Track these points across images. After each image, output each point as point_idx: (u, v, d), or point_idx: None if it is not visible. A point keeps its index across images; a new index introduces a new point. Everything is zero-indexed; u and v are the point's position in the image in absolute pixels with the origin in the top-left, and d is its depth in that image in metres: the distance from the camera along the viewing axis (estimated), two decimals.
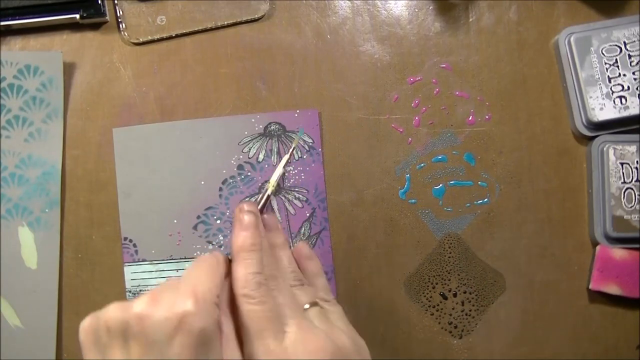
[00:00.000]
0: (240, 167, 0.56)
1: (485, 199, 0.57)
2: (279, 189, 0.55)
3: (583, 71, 0.55)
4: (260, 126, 0.57)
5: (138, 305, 0.35)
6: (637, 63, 0.55)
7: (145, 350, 0.34)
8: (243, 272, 0.39)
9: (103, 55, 0.57)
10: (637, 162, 0.55)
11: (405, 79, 0.58)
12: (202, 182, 0.56)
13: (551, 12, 0.58)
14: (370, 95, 0.58)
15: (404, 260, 0.57)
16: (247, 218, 0.41)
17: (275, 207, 0.56)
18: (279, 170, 0.52)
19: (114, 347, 0.35)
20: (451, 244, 0.57)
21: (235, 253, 0.40)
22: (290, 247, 0.46)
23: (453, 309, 0.57)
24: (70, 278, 0.56)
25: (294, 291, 0.41)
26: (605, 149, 0.55)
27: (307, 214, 0.56)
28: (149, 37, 0.57)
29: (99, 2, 0.55)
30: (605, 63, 0.55)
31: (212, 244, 0.55)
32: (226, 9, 0.57)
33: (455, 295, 0.57)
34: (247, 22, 0.57)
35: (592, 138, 0.56)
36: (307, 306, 0.41)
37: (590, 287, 0.55)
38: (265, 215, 0.45)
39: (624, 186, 0.55)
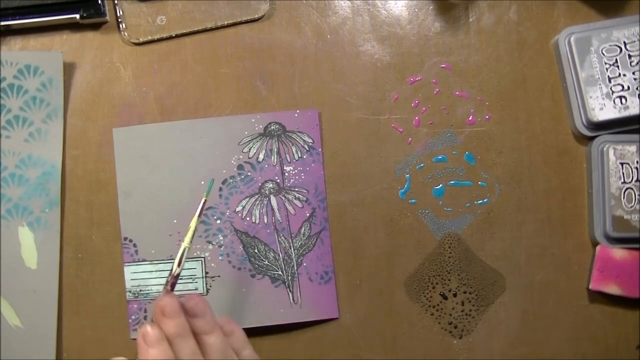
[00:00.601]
0: (240, 167, 0.56)
1: (485, 199, 0.57)
2: (278, 189, 0.55)
3: (583, 71, 0.55)
4: (260, 126, 0.57)
5: None
6: (637, 63, 0.55)
7: None
8: None
9: (103, 55, 0.57)
10: (637, 162, 0.55)
11: (405, 79, 0.58)
12: (202, 182, 0.56)
13: (551, 12, 0.58)
14: (370, 95, 0.58)
15: (404, 260, 0.57)
16: (173, 327, 0.41)
17: (275, 207, 0.56)
18: (192, 225, 0.46)
19: None
20: (451, 244, 0.57)
21: None
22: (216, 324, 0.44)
23: (453, 309, 0.57)
24: (70, 278, 0.56)
25: None
26: (605, 149, 0.55)
27: (307, 214, 0.56)
28: (149, 37, 0.57)
29: (99, 2, 0.55)
30: (605, 63, 0.55)
31: (212, 244, 0.55)
32: (226, 9, 0.57)
33: (455, 295, 0.57)
34: (247, 22, 0.57)
35: (592, 138, 0.56)
36: None
37: (590, 287, 0.55)
38: (190, 304, 0.42)
39: (624, 186, 0.55)
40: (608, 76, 0.55)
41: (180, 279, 0.55)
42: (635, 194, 0.54)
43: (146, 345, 0.40)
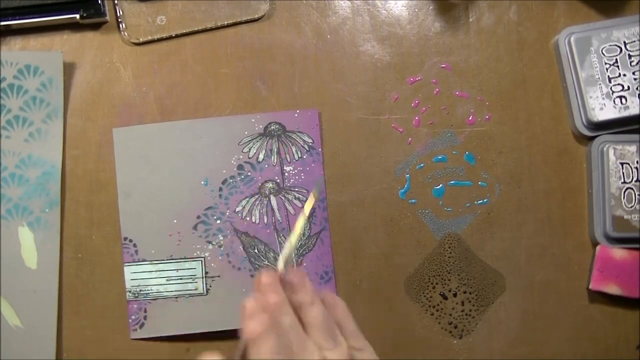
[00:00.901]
0: (240, 167, 0.56)
1: (485, 199, 0.57)
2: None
3: (583, 71, 0.55)
4: (260, 126, 0.57)
5: None
6: (637, 63, 0.55)
7: None
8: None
9: (103, 55, 0.57)
10: (637, 162, 0.55)
11: (405, 79, 0.58)
12: (202, 182, 0.56)
13: (551, 12, 0.58)
14: (370, 95, 0.58)
15: (404, 260, 0.57)
16: (272, 299, 0.39)
17: (275, 207, 0.56)
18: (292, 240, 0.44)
19: None
20: (451, 244, 0.57)
21: (250, 339, 0.38)
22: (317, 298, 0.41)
23: (453, 309, 0.57)
24: (70, 278, 0.56)
25: (326, 355, 0.39)
26: (605, 149, 0.55)
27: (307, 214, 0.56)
28: (149, 37, 0.57)
29: (99, 2, 0.55)
30: (605, 63, 0.55)
31: (212, 244, 0.55)
32: (226, 9, 0.57)
33: (455, 295, 0.57)
34: (247, 22, 0.57)
35: (592, 138, 0.56)
36: None
37: (590, 287, 0.55)
38: (289, 276, 0.41)
39: (624, 186, 0.55)
40: (608, 76, 0.55)
41: (180, 278, 0.55)
42: (635, 194, 0.54)
43: (246, 318, 0.39)
